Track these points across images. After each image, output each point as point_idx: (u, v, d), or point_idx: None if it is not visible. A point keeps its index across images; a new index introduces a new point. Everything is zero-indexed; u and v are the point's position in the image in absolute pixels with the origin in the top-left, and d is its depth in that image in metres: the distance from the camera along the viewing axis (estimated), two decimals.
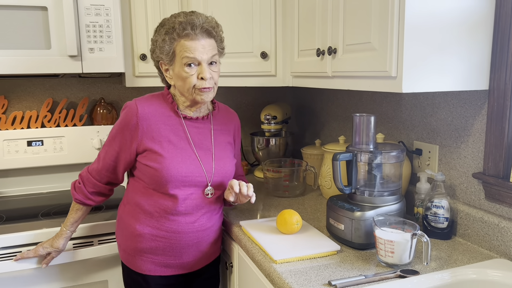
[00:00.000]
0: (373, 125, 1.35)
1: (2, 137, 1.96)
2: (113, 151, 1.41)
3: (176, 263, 1.45)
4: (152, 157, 1.37)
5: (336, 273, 1.17)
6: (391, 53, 1.16)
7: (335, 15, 1.40)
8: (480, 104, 1.33)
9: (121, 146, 1.40)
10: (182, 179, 1.37)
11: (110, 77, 2.17)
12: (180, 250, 1.43)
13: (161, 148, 1.37)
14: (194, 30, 1.32)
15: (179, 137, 1.41)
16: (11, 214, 1.76)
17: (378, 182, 1.37)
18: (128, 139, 1.39)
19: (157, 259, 1.43)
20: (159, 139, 1.38)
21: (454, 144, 1.44)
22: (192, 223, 1.42)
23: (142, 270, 1.44)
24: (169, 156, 1.37)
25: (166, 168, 1.35)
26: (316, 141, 2.06)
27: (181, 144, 1.40)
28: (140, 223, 1.42)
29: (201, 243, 1.46)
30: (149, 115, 1.38)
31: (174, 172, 1.36)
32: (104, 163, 1.43)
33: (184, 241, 1.42)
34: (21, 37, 1.66)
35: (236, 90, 2.45)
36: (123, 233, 1.46)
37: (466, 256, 1.26)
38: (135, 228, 1.42)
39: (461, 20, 1.19)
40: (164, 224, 1.40)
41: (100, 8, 1.76)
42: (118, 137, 1.40)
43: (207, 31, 1.35)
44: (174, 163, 1.36)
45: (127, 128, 1.38)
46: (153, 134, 1.38)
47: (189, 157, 1.40)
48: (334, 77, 1.46)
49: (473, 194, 1.38)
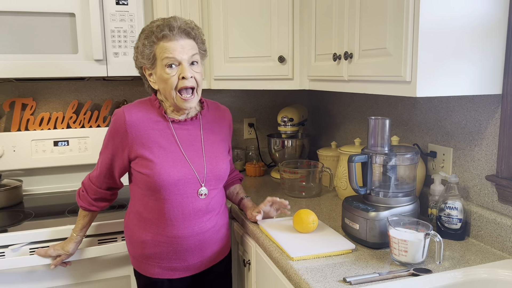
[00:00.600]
0: (388, 128, 1.39)
1: (30, 137, 2.05)
2: (107, 159, 1.44)
3: (182, 266, 1.47)
4: (143, 164, 1.39)
5: (351, 270, 1.22)
6: (406, 59, 1.20)
7: (351, 20, 1.44)
8: (494, 108, 1.36)
9: (113, 153, 1.43)
10: (175, 182, 1.38)
11: (133, 80, 2.25)
12: (184, 254, 1.45)
13: (151, 154, 1.39)
14: (171, 31, 1.34)
15: (169, 141, 1.42)
16: (40, 210, 1.84)
17: (392, 184, 1.41)
18: (119, 146, 1.41)
19: (163, 264, 1.46)
20: (149, 145, 1.40)
21: (468, 147, 1.47)
22: (191, 226, 1.43)
23: (151, 274, 1.47)
24: (160, 161, 1.38)
25: (157, 173, 1.36)
26: (332, 143, 2.10)
27: (171, 148, 1.41)
28: (143, 230, 1.45)
29: (205, 245, 1.48)
30: (137, 122, 1.39)
31: (165, 176, 1.37)
32: (101, 170, 1.47)
33: (186, 245, 1.44)
34: (50, 42, 1.75)
35: (253, 93, 2.51)
36: (130, 241, 1.51)
37: (478, 257, 1.29)
38: (139, 236, 1.46)
39: (475, 25, 1.22)
40: (165, 229, 1.42)
41: (125, 14, 1.83)
42: (110, 144, 1.43)
43: (185, 31, 1.36)
44: (165, 168, 1.38)
45: (116, 135, 1.40)
46: (143, 140, 1.39)
47: (180, 160, 1.41)
48: (350, 81, 1.50)
49: (486, 196, 1.41)
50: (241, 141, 2.52)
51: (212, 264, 1.55)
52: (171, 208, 1.41)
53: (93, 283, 1.72)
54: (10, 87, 2.09)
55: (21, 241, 1.58)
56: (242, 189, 1.72)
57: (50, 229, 1.62)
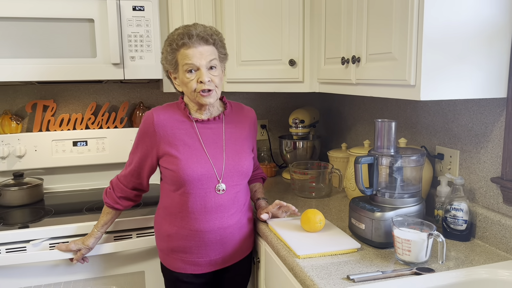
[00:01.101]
0: (393, 130, 1.42)
1: (51, 137, 2.14)
2: (137, 158, 1.56)
3: (205, 261, 1.55)
4: (170, 160, 1.50)
5: (355, 268, 1.25)
6: (410, 63, 1.23)
7: (359, 25, 1.48)
8: (499, 111, 1.38)
9: (143, 152, 1.54)
10: (198, 177, 1.48)
11: (149, 83, 2.32)
12: (206, 248, 1.53)
13: (177, 151, 1.50)
14: (190, 39, 1.44)
15: (193, 140, 1.53)
16: (59, 208, 1.93)
17: (398, 185, 1.44)
18: (149, 145, 1.53)
19: (186, 258, 1.54)
20: (175, 143, 1.51)
21: (474, 150, 1.49)
22: (212, 221, 1.51)
23: (175, 268, 1.56)
24: (184, 157, 1.49)
25: (182, 169, 1.47)
26: (342, 144, 2.13)
27: (195, 146, 1.52)
28: (169, 224, 1.55)
29: (226, 240, 1.55)
30: (164, 122, 1.52)
31: (189, 171, 1.47)
32: (130, 169, 1.58)
33: (208, 239, 1.53)
34: (70, 46, 1.83)
35: (266, 95, 2.56)
36: (158, 235, 1.61)
37: (482, 257, 1.31)
38: (165, 229, 1.56)
39: (479, 30, 1.24)
40: (188, 223, 1.52)
41: (141, 20, 1.90)
42: (140, 144, 1.55)
43: (203, 39, 1.46)
44: (189, 164, 1.48)
45: (146, 135, 1.53)
46: (169, 139, 1.51)
47: (202, 157, 1.51)
48: (358, 84, 1.54)
49: (492, 198, 1.43)
50: None
51: (234, 261, 1.61)
52: (194, 202, 1.50)
53: (109, 278, 1.79)
54: (32, 89, 2.19)
55: (42, 237, 1.66)
56: (261, 189, 1.78)
57: (68, 226, 1.69)
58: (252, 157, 1.63)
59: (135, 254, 1.81)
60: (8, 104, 2.17)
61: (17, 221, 1.76)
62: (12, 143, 2.09)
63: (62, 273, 1.73)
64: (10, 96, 2.17)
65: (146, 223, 1.78)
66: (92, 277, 1.76)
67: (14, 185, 1.98)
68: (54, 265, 1.71)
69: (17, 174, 2.03)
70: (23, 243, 1.65)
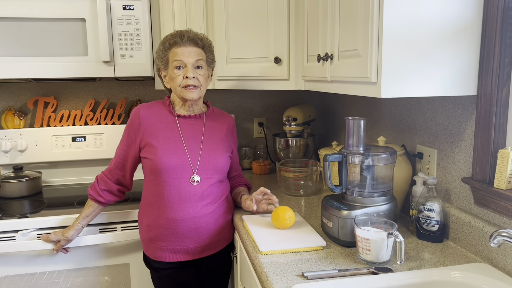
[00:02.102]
0: (362, 128, 1.41)
1: (51, 133, 2.23)
2: (122, 150, 1.67)
3: (181, 249, 1.61)
4: (149, 150, 1.60)
5: (314, 266, 1.25)
6: (371, 60, 1.21)
7: (332, 22, 1.47)
8: (471, 109, 1.34)
9: (128, 143, 1.65)
10: (173, 167, 1.57)
11: (145, 81, 2.38)
12: (181, 236, 1.59)
13: (157, 142, 1.60)
14: (181, 39, 1.60)
15: (173, 132, 1.63)
16: (53, 201, 2.01)
17: (368, 183, 1.42)
18: (133, 137, 1.64)
19: (164, 246, 1.61)
20: (156, 134, 1.61)
21: (450, 149, 1.45)
22: (186, 209, 1.58)
23: (154, 257, 1.63)
24: (162, 148, 1.59)
25: (159, 157, 1.57)
26: (333, 142, 2.11)
27: (174, 138, 1.62)
28: (147, 214, 1.63)
29: (201, 230, 1.60)
30: (149, 115, 1.64)
31: (165, 160, 1.57)
32: (115, 162, 1.69)
33: (183, 227, 1.59)
34: (63, 45, 1.90)
35: (263, 93, 2.57)
36: (140, 226, 1.70)
37: (449, 259, 1.28)
38: (145, 219, 1.64)
39: (445, 26, 1.21)
40: (164, 212, 1.58)
41: (131, 19, 1.95)
42: (125, 136, 1.67)
43: (193, 41, 1.61)
44: (166, 153, 1.58)
45: (132, 128, 1.64)
46: (152, 131, 1.62)
47: (180, 149, 1.61)
48: (332, 82, 1.52)
49: (465, 199, 1.39)
50: (251, 140, 2.58)
51: (211, 252, 1.66)
52: (169, 191, 1.58)
53: (94, 269, 1.85)
54: (35, 86, 2.28)
55: (30, 227, 1.74)
56: (246, 191, 1.81)
57: (55, 217, 1.77)
58: (228, 156, 1.69)
59: (120, 246, 1.86)
60: (12, 101, 2.27)
61: (12, 212, 1.85)
62: (14, 138, 2.19)
63: (47, 262, 1.80)
64: (14, 93, 2.27)
65: (131, 216, 1.83)
66: (77, 268, 1.83)
67: (14, 177, 2.07)
68: (39, 254, 1.78)
69: (17, 168, 2.12)
70: (13, 233, 1.73)
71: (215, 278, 1.74)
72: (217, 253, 1.69)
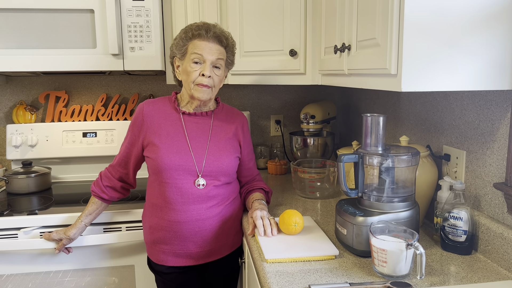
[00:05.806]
0: (382, 126, 1.27)
1: (62, 128, 2.18)
2: (125, 147, 1.59)
3: (184, 253, 1.52)
4: (152, 149, 1.51)
5: (324, 277, 1.13)
6: (391, 49, 1.08)
7: (349, 10, 1.34)
8: (506, 106, 1.18)
9: (131, 140, 1.57)
10: (175, 167, 1.47)
11: (157, 75, 2.30)
12: (184, 239, 1.50)
13: (159, 141, 1.50)
14: (207, 33, 1.47)
15: (177, 131, 1.53)
16: (60, 198, 1.95)
17: (387, 187, 1.28)
18: (137, 134, 1.55)
19: (167, 249, 1.52)
20: (159, 132, 1.52)
21: (480, 150, 1.30)
22: (189, 211, 1.49)
23: (157, 261, 1.55)
24: (165, 147, 1.49)
25: (161, 157, 1.47)
26: (353, 142, 1.97)
27: (178, 137, 1.52)
28: (150, 216, 1.54)
29: (206, 233, 1.51)
30: (153, 112, 1.54)
31: (167, 160, 1.47)
32: (118, 159, 1.61)
33: (186, 230, 1.49)
34: (71, 37, 1.84)
35: (281, 88, 2.45)
36: (144, 228, 1.61)
37: (477, 275, 1.14)
38: (149, 221, 1.55)
39: (475, 11, 1.06)
40: (167, 213, 1.49)
41: (141, 10, 1.87)
42: (129, 133, 1.58)
43: (218, 38, 1.48)
44: (168, 153, 1.48)
45: (135, 125, 1.56)
46: (155, 129, 1.53)
47: (184, 148, 1.50)
48: (350, 75, 1.40)
49: (497, 207, 1.24)
50: (267, 138, 2.47)
51: (217, 257, 1.56)
52: (171, 192, 1.48)
53: (98, 270, 1.78)
54: (47, 80, 2.24)
55: (33, 225, 1.68)
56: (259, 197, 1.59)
57: (59, 215, 1.70)
58: (235, 158, 1.56)
59: (124, 247, 1.78)
60: (24, 95, 2.24)
61: (17, 208, 1.79)
62: (25, 133, 2.15)
63: (51, 262, 1.74)
64: (26, 87, 2.23)
65: (136, 216, 1.75)
66: (81, 268, 1.76)
67: (22, 173, 2.03)
68: (43, 253, 1.72)
69: (26, 163, 2.08)
70: (15, 230, 1.68)
71: (221, 284, 1.64)
72: (224, 258, 1.58)
